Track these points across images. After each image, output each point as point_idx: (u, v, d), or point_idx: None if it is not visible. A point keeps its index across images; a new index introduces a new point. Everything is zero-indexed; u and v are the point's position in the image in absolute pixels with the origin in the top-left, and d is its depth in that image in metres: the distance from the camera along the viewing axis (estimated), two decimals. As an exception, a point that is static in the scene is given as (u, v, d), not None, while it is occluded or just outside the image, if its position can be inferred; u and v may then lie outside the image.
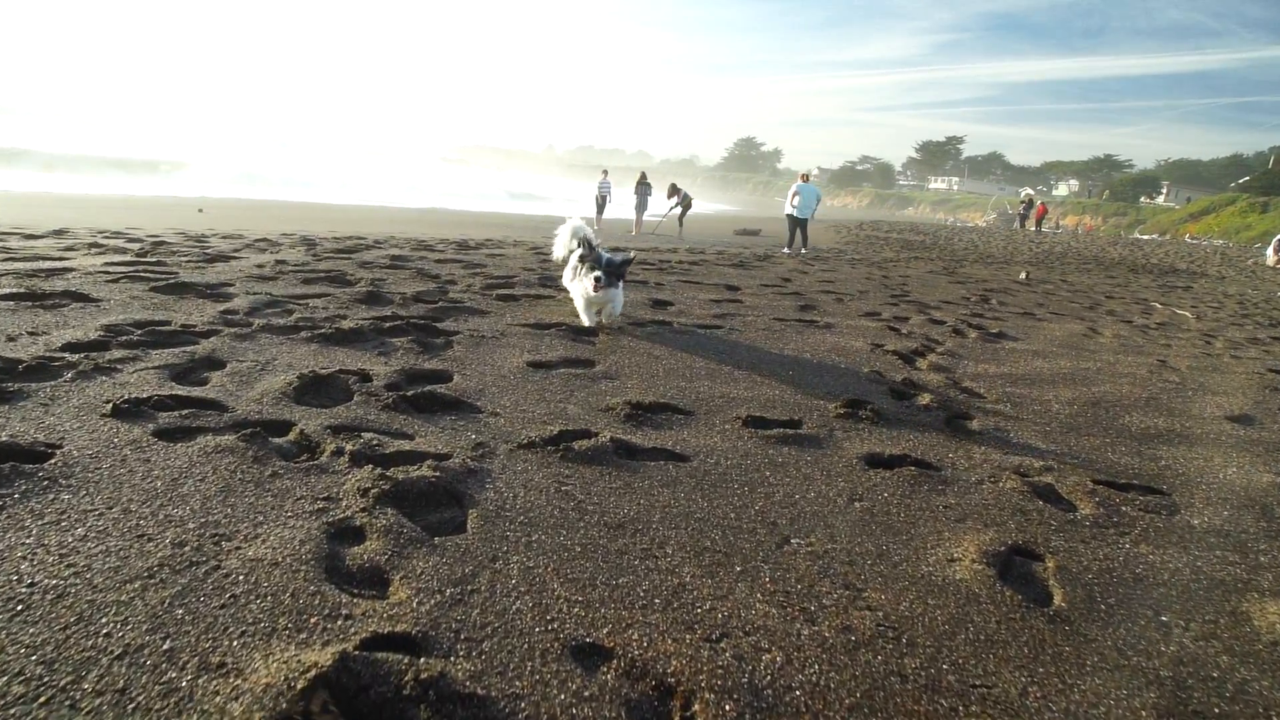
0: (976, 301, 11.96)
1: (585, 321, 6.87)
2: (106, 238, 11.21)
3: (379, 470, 3.39)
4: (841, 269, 15.30)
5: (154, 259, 8.24)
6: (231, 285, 7.01)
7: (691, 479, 3.85)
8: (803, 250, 21.65)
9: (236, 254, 9.20)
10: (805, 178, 23.44)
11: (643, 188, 28.09)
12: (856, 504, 3.81)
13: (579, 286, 6.77)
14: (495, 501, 3.33)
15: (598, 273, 6.48)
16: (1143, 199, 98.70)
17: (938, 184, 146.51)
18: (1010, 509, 3.93)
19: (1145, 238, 58.76)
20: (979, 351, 7.97)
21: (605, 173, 30.48)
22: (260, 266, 8.06)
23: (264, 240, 11.87)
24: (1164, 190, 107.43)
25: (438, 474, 3.42)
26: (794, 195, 22.45)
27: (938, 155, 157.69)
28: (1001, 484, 4.27)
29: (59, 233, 11.49)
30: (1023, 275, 17.72)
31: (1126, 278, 20.85)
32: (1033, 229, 52.36)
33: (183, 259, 8.42)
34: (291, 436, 3.75)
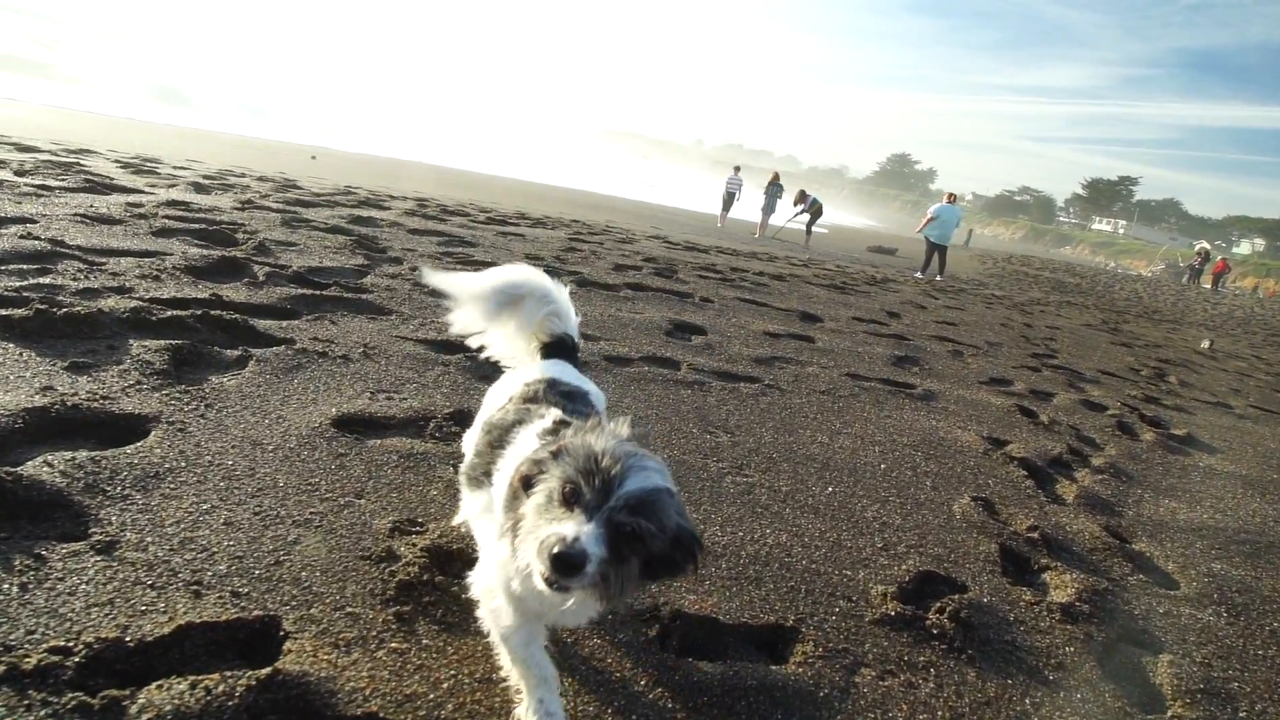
0: (1149, 377, 8.81)
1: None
2: (117, 160, 9.58)
3: None
4: (973, 307, 12.24)
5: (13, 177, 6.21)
6: (30, 223, 4.87)
7: None
8: (938, 277, 18.61)
9: (144, 189, 7.14)
10: (951, 198, 20.26)
11: (773, 188, 25.65)
12: None
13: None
14: None
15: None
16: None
17: (1102, 225, 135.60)
18: None
19: (1345, 313, 51.28)
20: (1159, 471, 5.07)
21: (737, 169, 28.09)
22: (131, 206, 5.93)
23: (298, 189, 9.93)
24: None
25: None
26: (930, 218, 19.34)
27: (1106, 195, 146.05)
28: None
29: (81, 151, 9.93)
30: (1205, 344, 14.11)
31: (1339, 363, 16.78)
32: (1208, 287, 46.41)
33: (47, 182, 6.40)
34: None
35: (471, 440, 2.19)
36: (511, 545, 1.56)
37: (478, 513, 1.92)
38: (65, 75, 34.51)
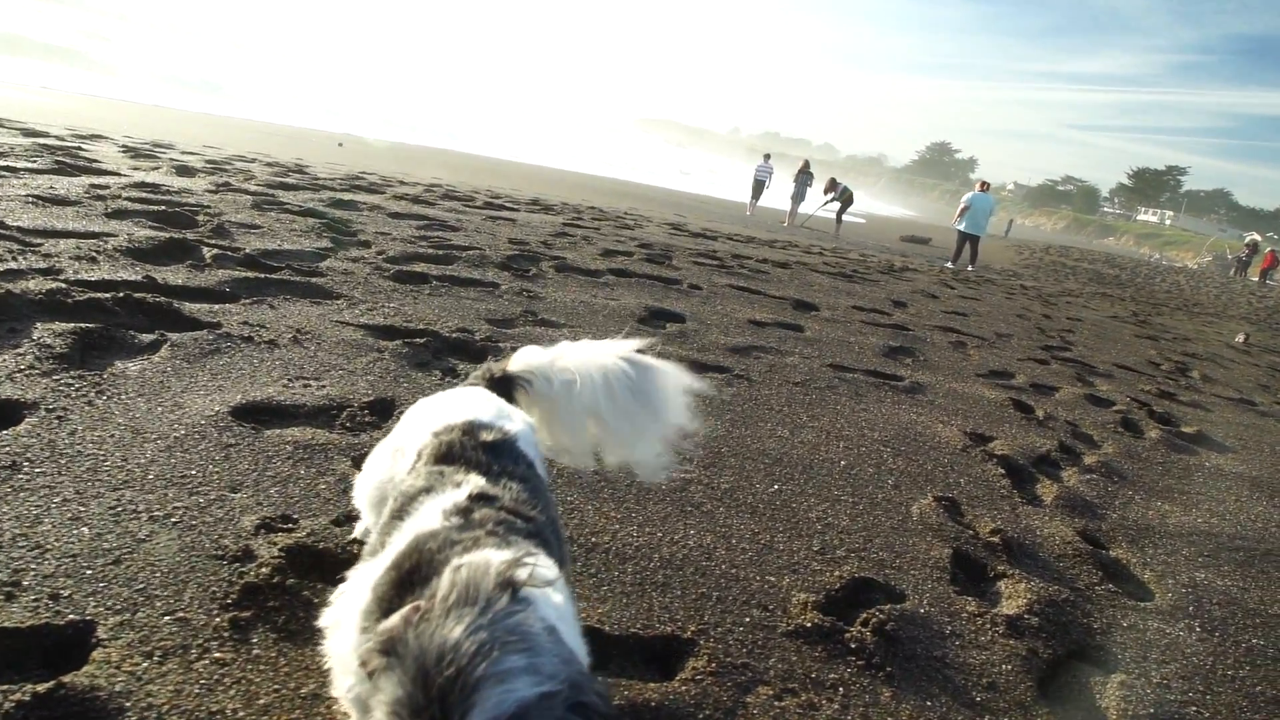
0: (1169, 371, 8.43)
1: None
2: (123, 145, 9.57)
3: None
4: (991, 297, 11.86)
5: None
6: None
7: None
8: (969, 268, 18.27)
9: (125, 171, 7.05)
10: (984, 186, 19.82)
11: (803, 176, 25.37)
12: None
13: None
14: None
15: None
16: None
17: (1148, 216, 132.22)
18: None
19: (1400, 307, 49.30)
20: (1157, 471, 4.78)
21: (767, 157, 27.81)
22: (95, 188, 5.82)
23: (301, 174, 9.87)
24: None
25: None
26: (964, 208, 18.95)
27: (1153, 185, 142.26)
28: None
29: (90, 136, 9.92)
30: (1240, 337, 13.58)
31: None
32: (1255, 280, 44.93)
33: (13, 164, 6.31)
34: None
35: (364, 495, 1.86)
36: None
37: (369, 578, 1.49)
38: (102, 64, 34.91)
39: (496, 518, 1.38)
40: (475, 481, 1.50)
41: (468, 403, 1.81)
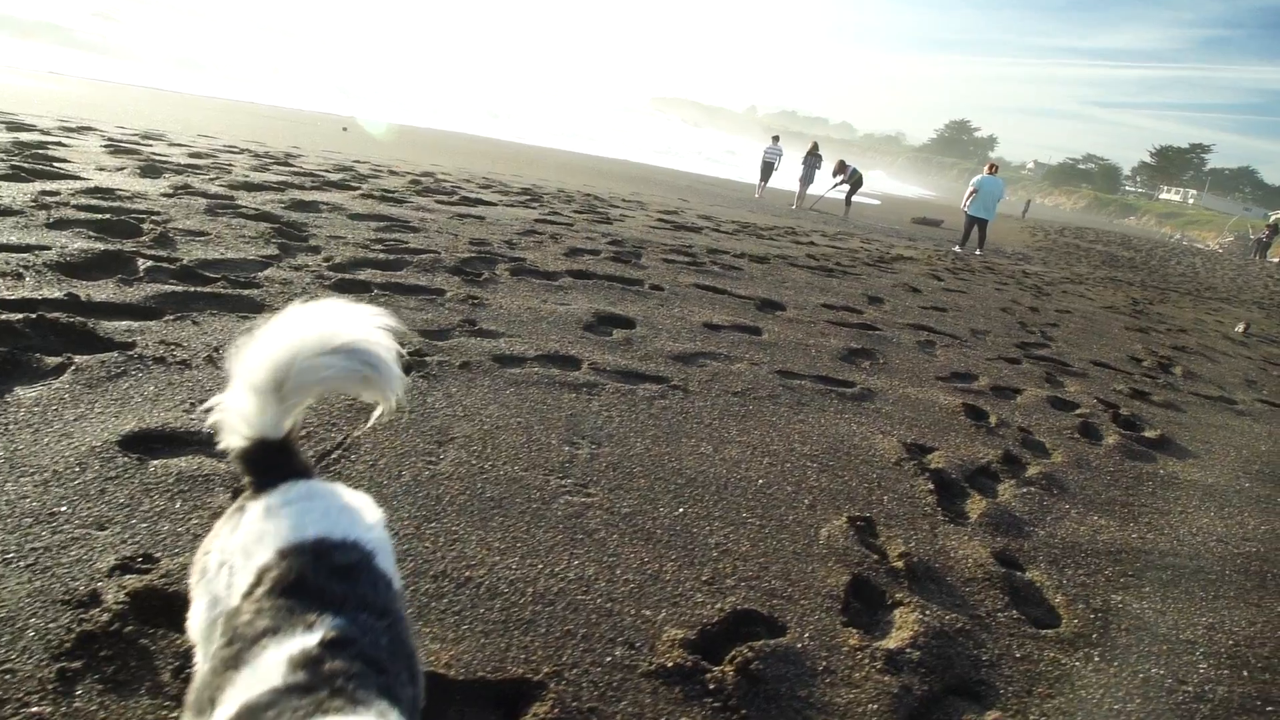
0: (1150, 367, 8.31)
1: None
2: (111, 137, 9.58)
3: None
4: (980, 289, 11.73)
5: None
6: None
7: None
8: (977, 252, 18.24)
9: (85, 175, 7.05)
10: (992, 168, 19.72)
11: (811, 158, 25.43)
12: None
13: None
14: None
15: None
16: None
17: (1170, 195, 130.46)
18: None
19: None
20: (1104, 481, 4.72)
21: (776, 139, 27.72)
22: (45, 194, 5.73)
23: (286, 166, 9.88)
24: None
25: None
26: (972, 191, 18.84)
27: (1176, 163, 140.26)
28: None
29: (79, 129, 9.95)
30: (1240, 327, 13.37)
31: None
32: (1274, 261, 44.23)
33: None
34: None
35: (196, 623, 1.54)
36: None
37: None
38: (112, 48, 35.00)
39: (349, 670, 1.20)
40: (328, 623, 1.28)
41: (317, 512, 1.50)
